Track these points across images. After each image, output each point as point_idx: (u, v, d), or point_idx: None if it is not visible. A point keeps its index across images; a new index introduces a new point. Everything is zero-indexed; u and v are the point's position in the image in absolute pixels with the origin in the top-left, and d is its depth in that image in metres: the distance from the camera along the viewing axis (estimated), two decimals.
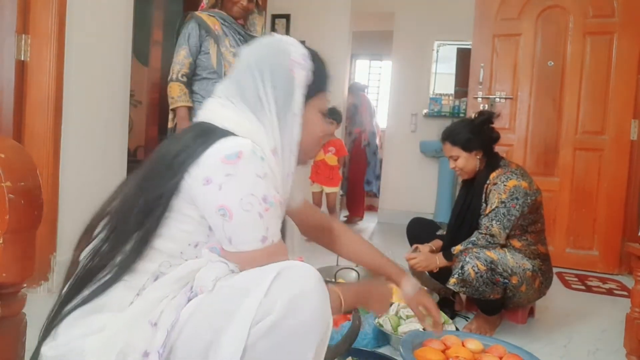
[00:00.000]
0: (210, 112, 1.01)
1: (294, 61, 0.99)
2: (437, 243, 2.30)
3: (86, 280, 0.93)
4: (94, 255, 0.94)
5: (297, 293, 0.82)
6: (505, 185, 2.04)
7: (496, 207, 2.02)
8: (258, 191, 0.88)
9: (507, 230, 2.02)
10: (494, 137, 2.19)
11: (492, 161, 2.17)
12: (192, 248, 0.94)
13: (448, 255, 2.08)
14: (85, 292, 0.92)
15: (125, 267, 0.91)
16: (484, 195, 2.13)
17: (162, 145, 1.00)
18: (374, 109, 5.70)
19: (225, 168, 0.88)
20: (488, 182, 2.12)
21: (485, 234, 2.01)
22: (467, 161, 2.16)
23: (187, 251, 0.94)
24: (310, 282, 0.84)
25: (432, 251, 2.25)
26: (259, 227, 0.89)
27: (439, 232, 2.41)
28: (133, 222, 0.92)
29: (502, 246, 2.05)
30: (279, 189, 0.96)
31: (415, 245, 2.30)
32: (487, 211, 2.05)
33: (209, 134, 0.93)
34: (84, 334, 0.89)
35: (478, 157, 2.16)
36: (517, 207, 2.01)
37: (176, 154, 0.92)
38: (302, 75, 0.99)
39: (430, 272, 2.25)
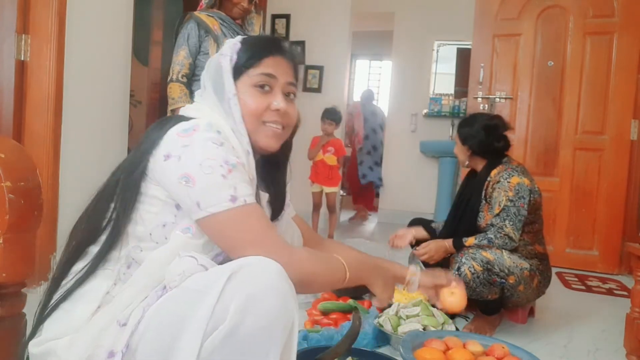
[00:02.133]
0: (185, 108, 1.07)
1: (221, 54, 1.03)
2: (420, 231, 2.33)
3: (67, 271, 0.96)
4: (74, 246, 0.97)
5: (250, 294, 0.78)
6: (508, 182, 2.04)
7: (505, 205, 2.02)
8: (217, 155, 0.89)
9: (519, 232, 2.01)
10: (498, 146, 2.17)
11: (493, 158, 2.17)
12: (161, 228, 0.94)
13: (458, 244, 2.06)
14: (66, 284, 0.94)
15: (101, 257, 0.93)
16: (484, 192, 2.13)
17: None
18: (375, 113, 5.72)
19: (181, 140, 0.91)
20: (489, 179, 2.12)
21: (504, 235, 1.99)
22: (459, 151, 2.25)
23: (155, 232, 0.94)
24: (266, 279, 0.80)
25: (415, 236, 2.31)
26: (225, 186, 0.88)
27: (433, 224, 2.43)
28: (107, 213, 0.95)
29: (511, 249, 2.05)
30: (243, 160, 0.96)
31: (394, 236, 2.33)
32: (497, 210, 2.04)
33: (169, 120, 0.98)
34: (64, 333, 0.90)
35: (468, 153, 2.20)
36: (525, 206, 2.02)
37: (140, 144, 0.96)
38: (226, 62, 1.02)
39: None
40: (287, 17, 4.49)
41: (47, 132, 2.13)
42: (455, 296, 1.20)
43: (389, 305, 1.18)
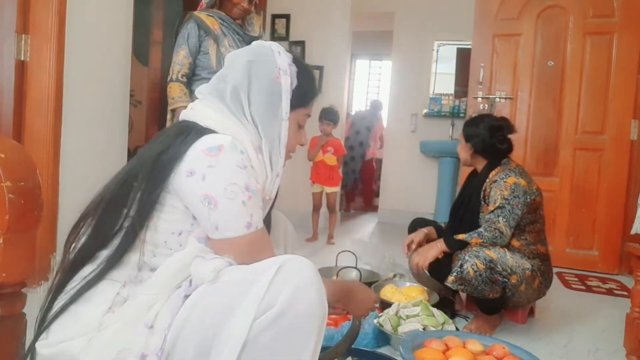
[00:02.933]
0: (193, 111, 1.06)
1: (280, 69, 1.03)
2: (431, 230, 2.33)
3: (72, 274, 0.96)
4: (81, 251, 0.97)
5: (298, 285, 0.84)
6: (505, 181, 2.05)
7: (500, 204, 2.03)
8: (240, 180, 0.93)
9: (512, 229, 2.02)
10: (500, 147, 2.18)
11: (494, 160, 2.18)
12: (176, 236, 0.96)
13: (450, 241, 2.07)
14: (74, 287, 0.94)
15: (114, 262, 0.94)
16: (482, 193, 2.14)
17: (147, 145, 1.04)
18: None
19: (207, 160, 0.92)
20: (487, 180, 2.13)
21: (495, 229, 2.00)
22: (462, 148, 2.26)
23: (170, 239, 0.96)
24: (308, 274, 0.87)
25: (428, 237, 2.27)
26: (244, 214, 0.93)
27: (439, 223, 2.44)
28: (120, 219, 0.95)
29: (502, 245, 2.05)
30: (261, 183, 1.01)
31: (410, 240, 2.27)
32: (492, 207, 2.05)
33: (190, 131, 0.98)
34: (75, 334, 0.90)
35: (470, 151, 2.21)
36: (520, 205, 2.02)
37: (160, 152, 0.96)
38: (287, 82, 1.03)
39: (431, 271, 2.25)
40: (287, 17, 4.48)
41: (47, 132, 2.13)
42: None
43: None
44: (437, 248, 2.08)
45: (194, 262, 0.91)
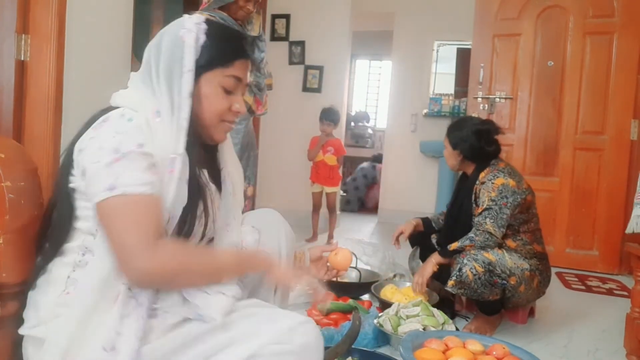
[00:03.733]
0: (115, 95, 1.06)
1: (185, 28, 1.00)
2: (419, 222, 2.39)
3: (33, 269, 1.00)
4: (38, 243, 1.02)
5: (310, 341, 0.94)
6: (493, 183, 2.05)
7: (487, 205, 2.03)
8: (108, 144, 0.89)
9: (502, 229, 2.02)
10: (488, 150, 2.18)
11: (483, 162, 2.17)
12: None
13: (444, 252, 2.07)
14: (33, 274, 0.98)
15: (55, 249, 0.97)
16: (473, 196, 2.14)
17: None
18: None
19: (90, 133, 0.94)
20: (477, 182, 2.13)
21: (483, 231, 2.01)
22: (449, 156, 2.26)
23: (99, 230, 0.94)
24: (319, 338, 0.97)
25: (416, 228, 2.35)
26: (105, 175, 0.87)
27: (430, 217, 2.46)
28: (54, 209, 1.00)
29: (499, 246, 2.06)
30: (159, 148, 0.93)
31: (399, 232, 2.35)
32: (480, 210, 2.05)
33: (96, 115, 1.00)
34: (39, 319, 0.93)
35: (459, 158, 2.20)
36: (508, 205, 2.02)
37: (73, 139, 0.99)
38: (191, 37, 0.98)
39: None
40: (287, 17, 4.48)
41: (47, 132, 2.13)
42: (338, 255, 1.31)
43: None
44: (432, 263, 2.09)
45: (199, 297, 0.93)
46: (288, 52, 4.46)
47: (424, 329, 1.81)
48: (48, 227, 1.00)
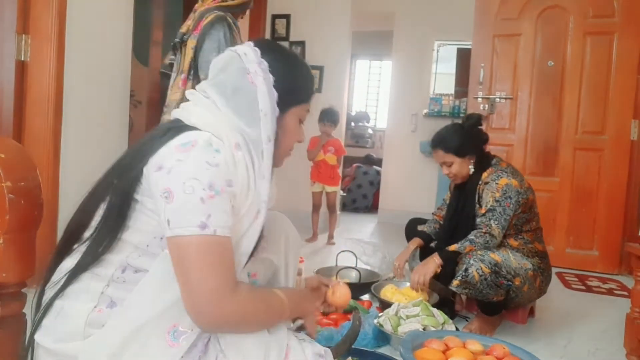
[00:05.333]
0: (182, 110, 1.04)
1: (251, 72, 1.00)
2: (417, 241, 2.36)
3: (55, 266, 0.99)
4: (60, 242, 1.00)
5: None
6: (497, 183, 2.05)
7: (492, 206, 2.02)
8: (204, 177, 0.86)
9: (504, 230, 2.02)
10: (484, 139, 2.20)
11: (483, 162, 2.16)
12: (158, 241, 0.94)
13: (444, 254, 2.07)
14: (58, 280, 0.96)
15: (93, 257, 0.94)
16: (477, 196, 2.13)
17: (132, 145, 1.05)
18: None
19: (177, 155, 0.89)
20: (480, 182, 2.12)
21: (485, 232, 2.00)
22: (461, 166, 2.16)
23: (152, 244, 0.94)
24: None
25: (419, 247, 2.34)
26: (199, 211, 0.85)
27: (420, 228, 2.43)
28: (96, 214, 0.96)
29: (501, 246, 2.05)
30: (239, 184, 0.94)
31: (398, 266, 2.34)
32: (483, 211, 2.05)
33: (171, 129, 0.96)
34: (67, 335, 0.91)
35: (472, 161, 2.16)
36: (511, 206, 2.02)
37: (138, 149, 0.96)
38: (261, 81, 0.99)
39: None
40: (287, 17, 4.48)
41: (47, 132, 2.13)
42: (336, 294, 1.29)
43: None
44: (434, 263, 2.08)
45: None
46: None
47: (424, 329, 1.81)
48: (82, 229, 0.97)
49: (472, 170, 2.17)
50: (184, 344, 0.89)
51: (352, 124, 7.31)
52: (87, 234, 0.96)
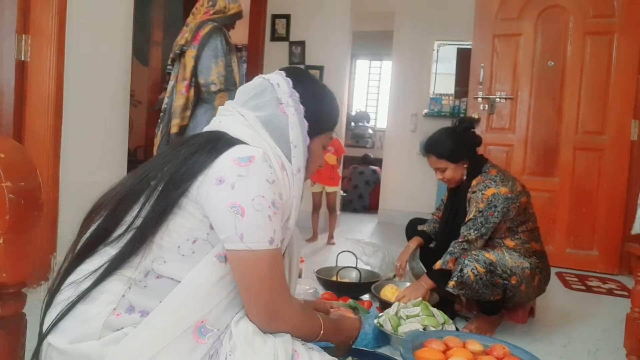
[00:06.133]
0: (222, 123, 1.08)
1: (283, 102, 1.07)
2: (417, 240, 2.36)
3: (76, 265, 0.97)
4: (87, 241, 0.98)
5: None
6: (483, 194, 2.03)
7: (474, 216, 2.03)
8: (267, 194, 0.94)
9: (484, 237, 2.02)
10: (477, 142, 2.19)
11: (474, 167, 2.15)
12: (190, 243, 0.95)
13: (433, 275, 2.06)
14: (78, 280, 0.94)
15: (121, 261, 0.94)
16: (467, 203, 2.13)
17: (173, 147, 1.05)
18: None
19: (237, 169, 0.93)
20: (470, 189, 2.12)
21: (462, 241, 2.01)
22: (454, 172, 2.15)
23: (184, 245, 0.95)
24: None
25: (419, 246, 2.34)
26: (268, 228, 0.94)
27: (420, 228, 2.44)
28: (129, 217, 0.95)
29: (497, 246, 2.05)
30: (284, 198, 1.01)
31: (399, 268, 2.34)
32: (466, 220, 2.05)
33: (220, 139, 1.00)
34: (84, 336, 0.91)
35: (465, 166, 2.15)
36: (496, 214, 2.00)
37: (187, 156, 0.97)
38: (292, 113, 1.07)
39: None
40: (287, 17, 4.48)
41: (47, 132, 2.13)
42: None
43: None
44: (424, 288, 2.07)
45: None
46: (288, 52, 4.47)
47: (424, 329, 1.81)
48: (109, 230, 0.96)
49: (459, 178, 2.17)
50: (210, 341, 0.94)
51: (352, 124, 7.31)
52: (116, 234, 0.96)
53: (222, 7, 2.55)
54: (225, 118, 1.09)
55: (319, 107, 1.12)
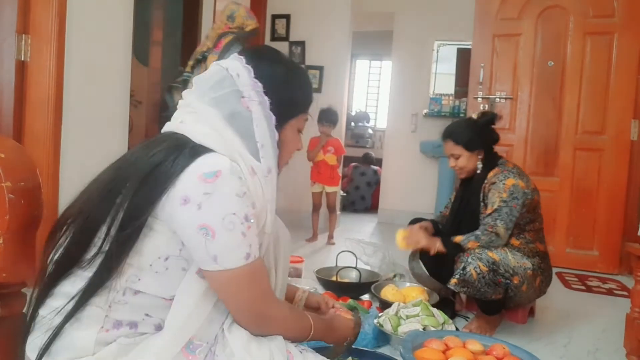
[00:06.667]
0: (183, 124, 0.99)
1: (245, 96, 0.98)
2: (427, 224, 2.34)
3: (50, 289, 0.92)
4: (57, 264, 0.93)
5: None
6: (504, 183, 2.05)
7: (498, 206, 2.02)
8: (239, 210, 0.89)
9: (509, 231, 2.02)
10: (495, 139, 2.21)
11: (490, 161, 2.17)
12: (162, 261, 0.92)
13: (447, 243, 2.06)
14: (60, 307, 0.89)
15: (99, 285, 0.89)
16: (481, 194, 2.13)
17: (132, 155, 0.97)
18: None
19: (203, 187, 0.87)
20: (486, 181, 2.12)
21: (491, 231, 2.00)
22: (468, 160, 2.17)
23: (156, 263, 0.92)
24: None
25: (426, 230, 2.28)
26: (243, 245, 0.90)
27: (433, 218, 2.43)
28: (98, 238, 0.90)
29: (498, 247, 2.06)
30: (257, 207, 0.96)
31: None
32: (490, 210, 2.04)
33: (184, 148, 0.92)
34: (76, 355, 0.89)
35: (480, 156, 2.16)
36: (518, 207, 2.02)
37: (149, 170, 0.90)
38: (256, 108, 0.98)
39: (431, 272, 2.25)
40: (287, 17, 4.49)
41: (47, 132, 2.13)
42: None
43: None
44: (434, 244, 2.08)
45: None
46: (288, 52, 4.46)
47: (424, 329, 1.81)
48: (81, 251, 0.91)
49: (480, 167, 2.17)
50: (201, 356, 0.93)
51: (352, 124, 7.31)
52: (87, 257, 0.91)
53: (240, 24, 2.70)
54: (187, 117, 1.00)
55: (286, 93, 1.02)
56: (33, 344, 0.92)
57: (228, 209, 0.88)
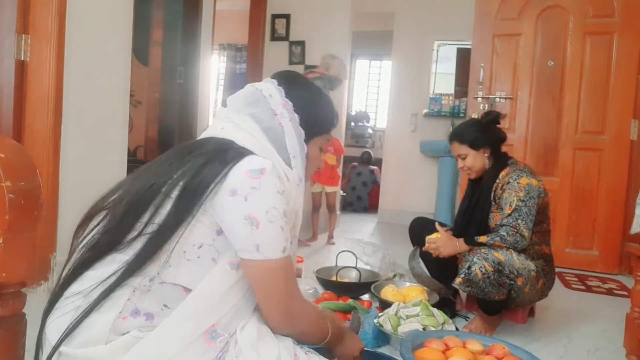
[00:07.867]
0: (225, 130, 1.08)
1: (277, 114, 1.09)
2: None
3: (82, 271, 0.96)
4: (93, 248, 0.96)
5: None
6: (518, 182, 2.04)
7: (517, 205, 2.00)
8: (279, 206, 0.97)
9: (530, 231, 2.00)
10: (501, 137, 2.21)
11: (499, 160, 2.17)
12: (196, 249, 0.96)
13: (471, 242, 2.05)
14: (88, 289, 0.93)
15: (133, 269, 0.93)
16: (492, 194, 2.13)
17: (175, 152, 1.05)
18: None
19: (250, 181, 0.95)
20: (497, 181, 2.12)
21: (515, 232, 1.97)
22: (475, 159, 2.17)
23: (190, 250, 0.96)
24: None
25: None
26: (282, 238, 0.97)
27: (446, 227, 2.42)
28: (140, 223, 0.95)
29: (522, 248, 2.05)
30: (291, 208, 1.04)
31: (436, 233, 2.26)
32: (509, 210, 2.02)
33: (228, 149, 1.01)
34: (90, 340, 0.91)
35: (486, 154, 2.17)
36: (535, 206, 2.02)
37: (199, 166, 0.98)
38: (287, 123, 1.09)
39: (433, 271, 2.25)
40: (287, 17, 4.49)
41: (47, 132, 2.13)
42: None
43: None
44: (456, 247, 2.07)
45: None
46: (288, 52, 4.47)
47: (424, 329, 1.81)
48: (119, 238, 0.95)
49: (488, 164, 2.17)
50: (220, 345, 0.96)
51: (352, 124, 7.31)
52: (127, 240, 0.94)
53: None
54: (227, 125, 1.09)
55: (313, 113, 1.14)
56: (54, 323, 0.95)
57: (271, 203, 0.96)
